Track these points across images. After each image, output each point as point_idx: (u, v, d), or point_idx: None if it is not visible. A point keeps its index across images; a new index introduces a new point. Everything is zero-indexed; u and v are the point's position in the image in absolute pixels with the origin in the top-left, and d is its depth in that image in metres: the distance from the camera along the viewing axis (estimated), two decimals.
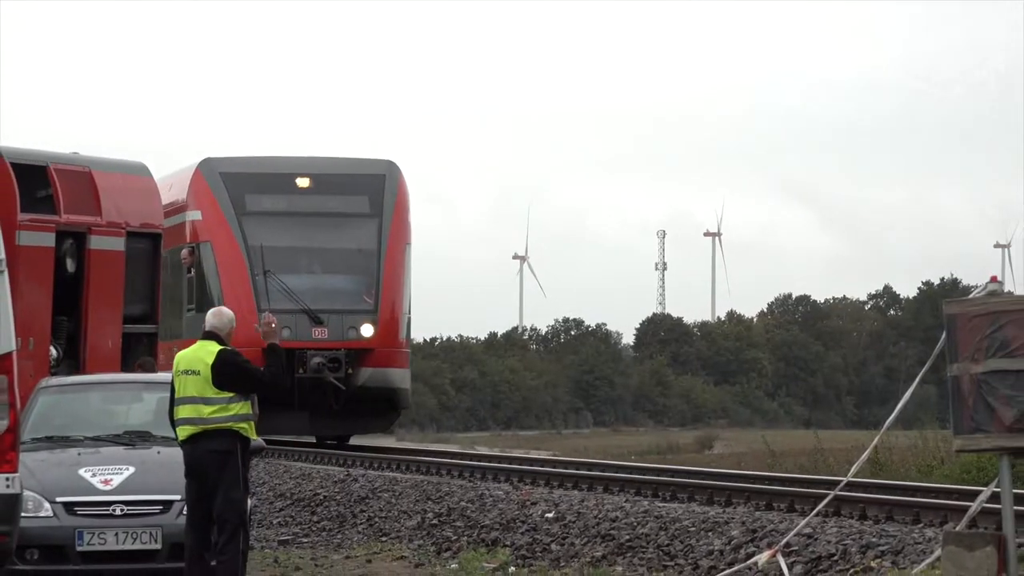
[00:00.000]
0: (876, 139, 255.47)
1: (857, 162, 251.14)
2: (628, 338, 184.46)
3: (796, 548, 21.65)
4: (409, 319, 41.34)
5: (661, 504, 28.13)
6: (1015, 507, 17.90)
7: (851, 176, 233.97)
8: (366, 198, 40.18)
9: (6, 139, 31.58)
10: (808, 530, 22.54)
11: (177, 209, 41.53)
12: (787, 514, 25.65)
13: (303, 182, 40.07)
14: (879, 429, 23.53)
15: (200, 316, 35.09)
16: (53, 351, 30.77)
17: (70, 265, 31.91)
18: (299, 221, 40.16)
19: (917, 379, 21.55)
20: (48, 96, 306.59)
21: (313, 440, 50.99)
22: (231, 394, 21.28)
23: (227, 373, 21.21)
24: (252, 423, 21.70)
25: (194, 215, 39.93)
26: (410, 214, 41.13)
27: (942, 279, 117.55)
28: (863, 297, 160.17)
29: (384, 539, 30.48)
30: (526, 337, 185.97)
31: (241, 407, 21.30)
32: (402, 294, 40.05)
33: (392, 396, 38.19)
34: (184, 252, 40.11)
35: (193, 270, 39.76)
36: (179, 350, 34.68)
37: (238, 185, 39.69)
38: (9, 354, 18.75)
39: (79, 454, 23.34)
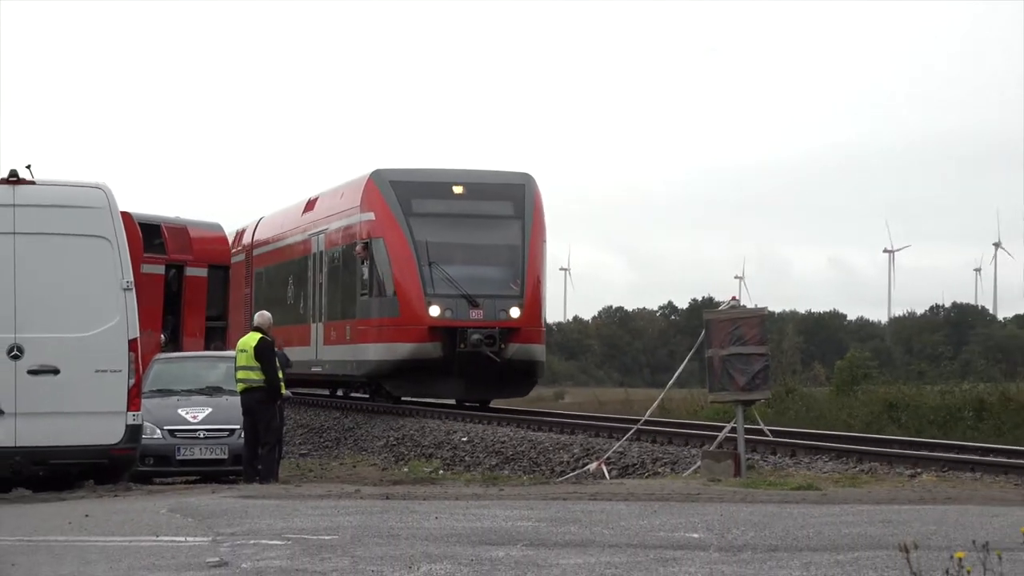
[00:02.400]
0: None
1: (655, 223, 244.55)
2: None
3: (613, 460, 25.07)
4: (544, 303, 40.41)
5: (532, 433, 32.67)
6: (744, 436, 21.89)
7: (648, 232, 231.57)
8: (510, 203, 39.22)
9: (130, 203, 29.31)
10: (621, 449, 26.20)
11: (348, 212, 42.20)
12: (608, 439, 28.76)
13: (458, 189, 39.33)
14: (664, 388, 28.78)
15: (373, 300, 39.61)
16: (162, 337, 33.67)
17: (174, 285, 35.10)
18: (456, 221, 39.01)
19: (687, 358, 25.33)
20: (157, 164, 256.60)
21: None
22: (263, 365, 24.40)
23: (261, 354, 24.37)
24: (283, 382, 25.07)
25: (367, 216, 39.69)
26: (545, 217, 40.12)
27: (703, 297, 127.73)
28: (655, 307, 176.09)
29: (363, 453, 35.77)
30: None
31: (267, 370, 24.47)
32: (541, 282, 39.20)
33: (532, 368, 37.59)
34: (358, 247, 40.13)
35: (367, 262, 39.44)
36: (352, 329, 40.76)
37: (404, 191, 39.05)
38: (135, 339, 21.19)
39: (178, 400, 27.11)
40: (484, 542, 12.63)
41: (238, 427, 25.54)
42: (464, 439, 32.84)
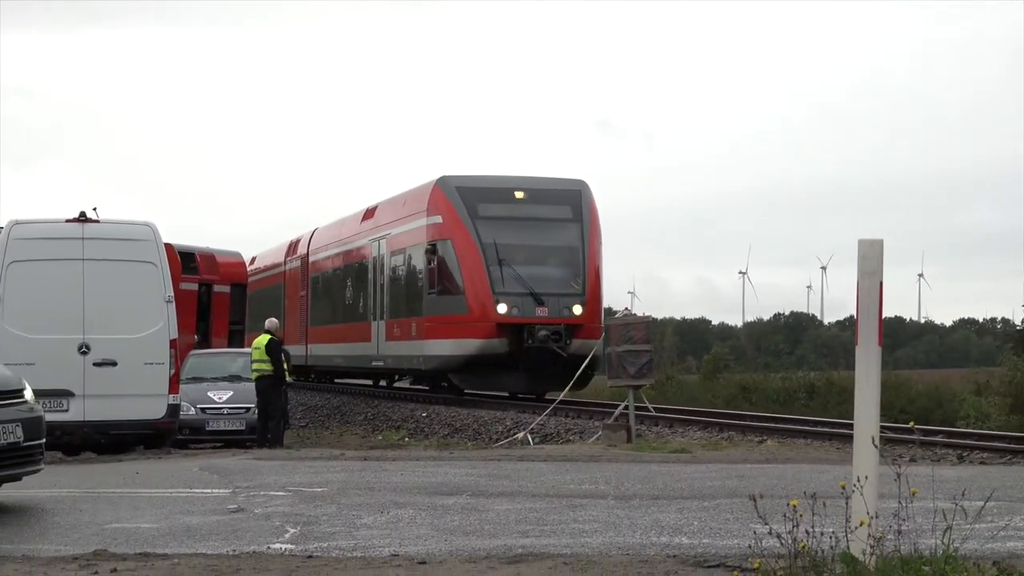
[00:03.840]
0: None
1: None
2: None
3: (536, 430, 24.86)
4: (602, 301, 34.60)
5: (475, 410, 31.90)
6: (634, 412, 21.61)
7: None
8: (569, 207, 33.57)
9: (175, 233, 28.53)
10: (542, 422, 25.92)
11: (413, 217, 35.90)
12: (532, 415, 27.71)
13: (519, 194, 33.50)
14: (573, 377, 28.52)
15: (441, 298, 33.07)
16: (195, 338, 32.98)
17: (204, 299, 34.76)
18: (519, 224, 33.07)
19: (591, 355, 26.59)
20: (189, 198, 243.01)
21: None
22: (271, 358, 24.51)
23: (270, 350, 24.51)
24: (287, 372, 25.19)
25: (434, 219, 33.74)
26: (600, 221, 34.29)
27: (605, 308, 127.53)
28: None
29: (348, 425, 34.86)
30: None
31: (275, 363, 24.55)
32: (599, 282, 33.28)
33: (592, 362, 30.48)
34: (426, 249, 33.93)
35: (434, 262, 33.32)
36: (419, 326, 34.38)
37: (470, 196, 33.32)
38: (175, 339, 21.30)
39: (207, 385, 26.90)
40: (438, 492, 12.61)
41: (253, 406, 25.42)
42: (424, 415, 32.24)
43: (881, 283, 7.27)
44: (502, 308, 31.70)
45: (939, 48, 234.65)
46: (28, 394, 11.79)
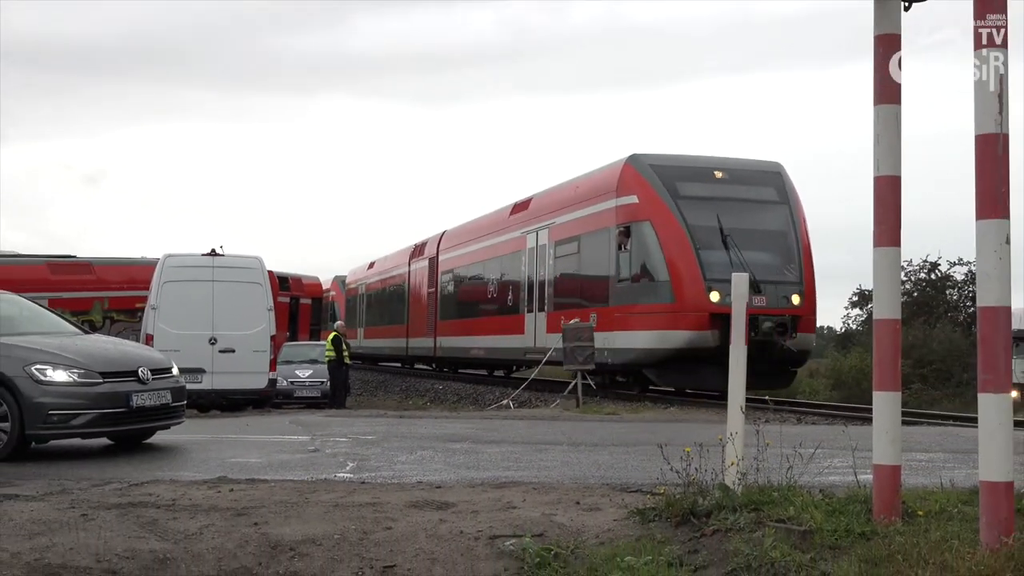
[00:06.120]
0: None
1: None
2: None
3: (515, 398, 23.83)
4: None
5: (474, 385, 30.41)
6: (581, 387, 20.86)
7: None
8: (773, 189, 22.12)
9: (274, 264, 27.00)
10: (520, 395, 24.62)
11: (592, 200, 23.83)
12: (513, 389, 25.68)
13: (719, 174, 22.13)
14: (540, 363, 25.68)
15: (635, 286, 21.80)
16: (287, 335, 32.68)
17: (293, 308, 34.81)
18: (724, 205, 21.58)
19: (551, 349, 23.45)
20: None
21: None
22: (336, 348, 24.15)
23: (335, 343, 24.20)
24: (347, 357, 24.53)
25: (626, 200, 22.14)
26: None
27: None
28: None
29: (388, 393, 32.97)
30: None
31: (338, 352, 24.12)
32: (813, 269, 21.73)
33: (805, 358, 21.81)
34: (618, 232, 22.28)
35: (625, 247, 22.12)
36: (603, 317, 22.46)
37: (668, 174, 21.88)
38: (274, 335, 20.88)
39: (295, 366, 26.55)
40: (449, 440, 12.46)
41: (326, 380, 24.98)
42: (440, 387, 31.35)
43: (746, 301, 7.29)
44: (715, 296, 20.32)
45: None
46: (175, 371, 11.70)
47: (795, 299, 20.87)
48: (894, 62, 5.64)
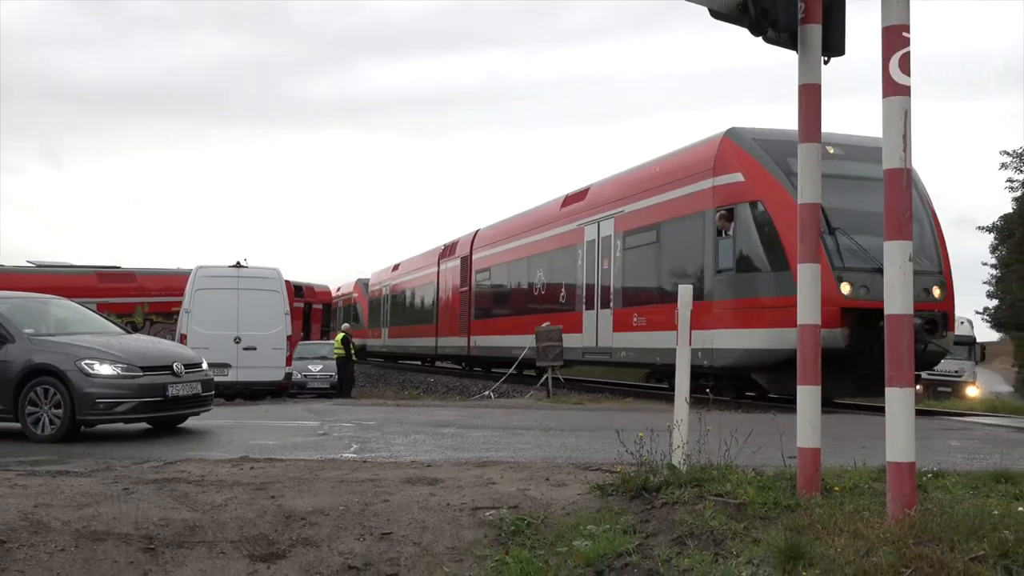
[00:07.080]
0: None
1: None
2: None
3: (496, 390, 23.22)
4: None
5: (461, 379, 27.97)
6: (552, 381, 20.58)
7: None
8: None
9: (290, 274, 25.90)
10: (500, 387, 24.05)
11: (680, 182, 17.19)
12: (494, 382, 25.21)
13: (831, 149, 14.77)
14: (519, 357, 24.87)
15: (743, 277, 15.31)
16: (301, 335, 32.30)
17: (306, 312, 34.37)
18: (843, 184, 14.32)
19: (526, 348, 22.56)
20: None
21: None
22: (344, 347, 24.10)
23: (344, 341, 24.06)
24: (353, 355, 24.39)
25: (728, 178, 15.51)
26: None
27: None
28: None
29: (387, 386, 31.48)
30: None
31: (346, 349, 24.20)
32: (949, 260, 15.03)
33: (938, 361, 15.03)
34: (718, 215, 15.63)
35: (727, 232, 15.53)
36: (702, 312, 15.84)
37: (774, 150, 15.02)
38: (290, 335, 20.79)
39: (308, 361, 26.04)
40: (439, 425, 12.34)
41: (335, 373, 24.77)
42: (432, 380, 30.58)
43: (691, 310, 7.22)
44: (846, 288, 14.30)
45: None
46: (204, 365, 11.58)
47: (936, 292, 15.06)
48: (815, 106, 5.65)
